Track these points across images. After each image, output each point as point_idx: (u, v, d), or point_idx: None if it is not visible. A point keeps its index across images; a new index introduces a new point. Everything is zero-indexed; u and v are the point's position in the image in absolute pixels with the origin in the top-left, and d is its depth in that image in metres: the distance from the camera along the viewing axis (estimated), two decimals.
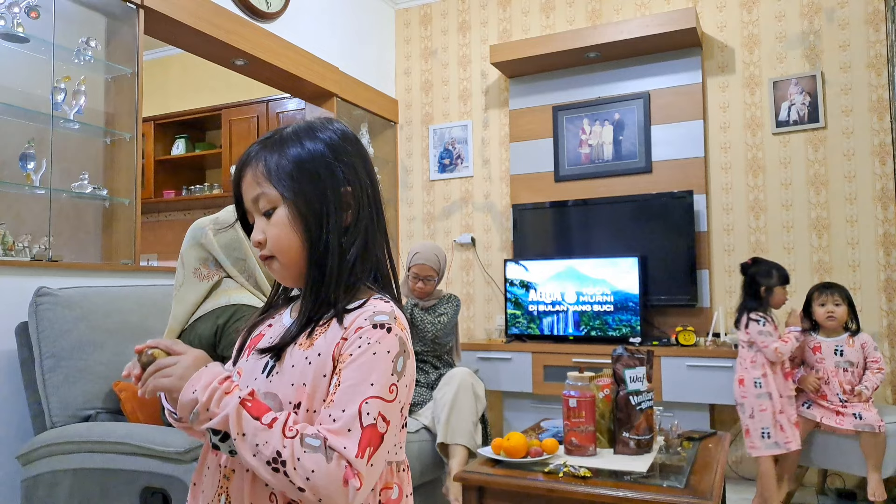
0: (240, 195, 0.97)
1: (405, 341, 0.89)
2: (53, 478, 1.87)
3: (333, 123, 0.99)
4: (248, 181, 0.95)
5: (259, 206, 0.94)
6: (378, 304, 0.91)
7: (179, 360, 0.87)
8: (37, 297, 2.04)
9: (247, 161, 0.96)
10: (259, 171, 0.94)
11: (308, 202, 0.92)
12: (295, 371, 0.89)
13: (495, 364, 3.62)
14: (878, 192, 3.30)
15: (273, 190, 0.92)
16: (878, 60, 3.32)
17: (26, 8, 2.35)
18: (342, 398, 0.83)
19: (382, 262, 0.98)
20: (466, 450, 2.56)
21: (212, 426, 0.82)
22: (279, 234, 0.92)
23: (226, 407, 0.81)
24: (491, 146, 4.23)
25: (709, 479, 1.78)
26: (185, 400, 0.83)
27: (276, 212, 0.93)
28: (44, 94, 2.45)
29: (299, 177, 0.92)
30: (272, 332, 0.98)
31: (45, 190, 2.43)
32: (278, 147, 0.94)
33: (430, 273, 2.97)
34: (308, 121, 0.99)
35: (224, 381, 0.84)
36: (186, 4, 2.88)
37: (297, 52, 3.55)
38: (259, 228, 0.94)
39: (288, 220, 0.92)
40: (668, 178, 3.68)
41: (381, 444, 0.83)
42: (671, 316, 3.62)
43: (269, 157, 0.94)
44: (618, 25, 3.58)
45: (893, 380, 3.23)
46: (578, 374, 2.05)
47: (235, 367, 0.99)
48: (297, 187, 0.92)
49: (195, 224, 1.91)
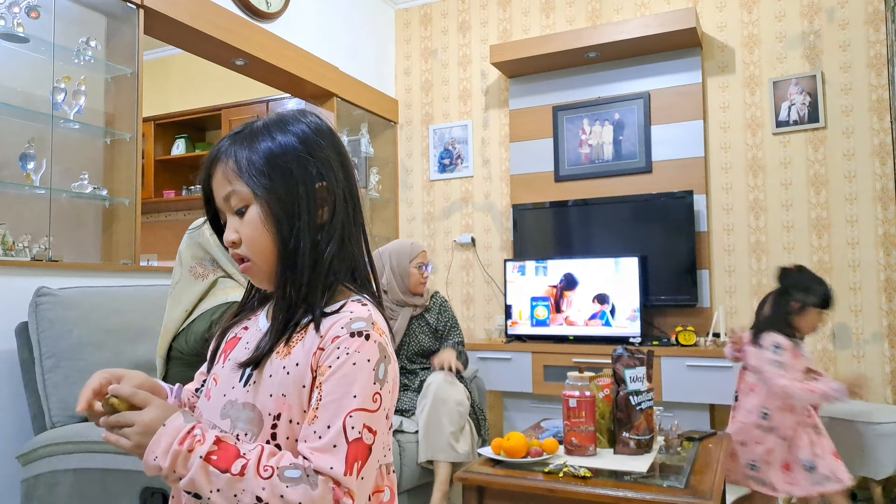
0: (210, 193, 0.94)
1: (385, 346, 0.86)
2: (53, 478, 1.87)
3: (307, 116, 0.94)
4: (219, 178, 0.91)
5: (231, 204, 0.90)
6: (356, 308, 0.88)
7: (137, 419, 0.81)
8: (37, 297, 2.04)
9: (216, 157, 0.92)
10: (230, 167, 0.90)
11: (281, 200, 0.88)
12: (273, 382, 0.86)
13: (495, 364, 3.62)
14: (878, 192, 3.30)
15: (244, 187, 0.88)
16: (878, 60, 3.32)
17: (26, 8, 2.35)
18: (325, 414, 0.80)
19: (360, 259, 0.94)
20: (448, 464, 2.55)
21: (183, 489, 0.80)
22: (253, 234, 0.89)
23: (191, 468, 0.78)
24: (491, 146, 4.23)
25: (709, 479, 1.78)
26: (149, 465, 0.80)
27: (249, 210, 0.89)
28: (44, 94, 2.45)
29: (271, 173, 0.88)
30: (248, 336, 0.95)
31: (45, 190, 2.43)
32: (248, 141, 0.90)
33: (427, 258, 3.00)
34: (280, 113, 0.94)
35: (185, 438, 0.79)
36: (186, 4, 2.88)
37: (297, 52, 3.55)
38: (232, 228, 0.91)
39: (261, 219, 0.88)
40: (668, 178, 3.68)
41: (370, 455, 0.81)
42: (671, 316, 3.62)
43: (240, 153, 0.90)
44: (618, 25, 3.58)
45: (893, 380, 3.23)
46: (578, 374, 2.05)
47: (211, 374, 0.96)
48: (269, 184, 0.88)
49: (194, 223, 1.91)
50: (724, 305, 3.56)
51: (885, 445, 2.68)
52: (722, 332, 3.40)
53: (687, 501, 1.62)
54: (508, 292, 3.74)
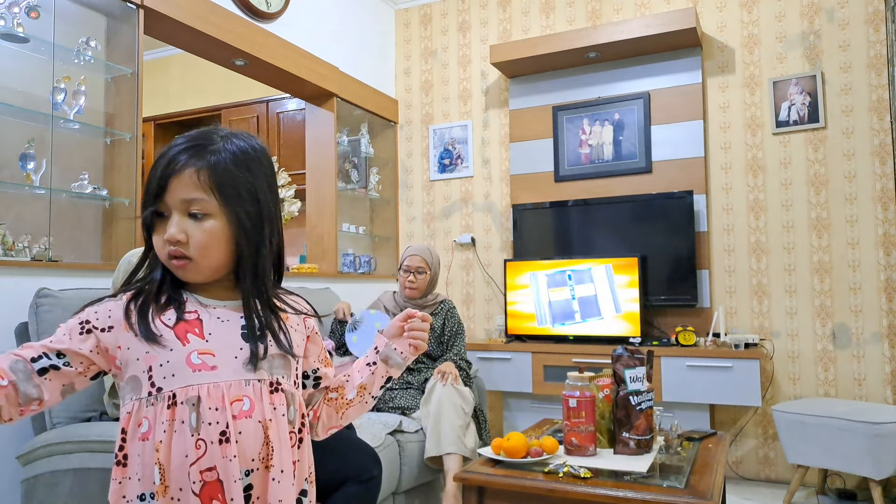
0: (164, 182, 0.95)
1: None
2: (53, 478, 1.87)
3: (257, 138, 1.06)
4: (186, 181, 0.95)
5: (189, 207, 0.96)
6: (295, 299, 1.11)
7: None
8: (37, 298, 2.04)
9: (190, 158, 0.96)
10: (203, 177, 0.95)
11: (249, 219, 0.99)
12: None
13: (495, 364, 3.62)
14: (878, 192, 3.30)
15: (214, 202, 0.96)
16: (878, 60, 3.32)
17: (26, 8, 2.35)
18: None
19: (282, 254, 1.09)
20: (459, 457, 2.55)
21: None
22: (208, 242, 0.96)
23: None
24: (491, 146, 4.23)
25: (709, 479, 1.78)
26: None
27: (209, 220, 0.96)
28: (44, 94, 2.44)
29: (246, 196, 0.98)
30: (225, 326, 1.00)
31: (45, 190, 2.43)
32: (228, 159, 0.98)
33: (420, 265, 2.98)
34: (239, 133, 1.03)
35: None
36: (186, 4, 2.88)
37: (297, 52, 3.55)
38: (180, 227, 0.95)
39: (223, 234, 0.97)
40: (668, 178, 3.68)
41: None
42: (671, 316, 3.62)
43: (217, 166, 0.96)
44: (618, 25, 3.58)
45: (893, 380, 3.23)
46: (578, 374, 2.05)
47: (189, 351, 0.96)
48: (240, 209, 0.97)
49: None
50: (724, 305, 3.56)
51: (885, 445, 2.68)
52: (722, 332, 3.40)
53: (687, 501, 1.62)
54: (508, 292, 3.74)
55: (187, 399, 0.92)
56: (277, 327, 1.02)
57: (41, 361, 0.92)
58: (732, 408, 3.51)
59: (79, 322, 0.96)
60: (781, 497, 3.11)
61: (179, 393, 0.92)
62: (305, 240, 3.96)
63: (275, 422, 0.97)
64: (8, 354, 0.92)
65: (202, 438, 0.91)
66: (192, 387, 0.93)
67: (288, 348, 1.02)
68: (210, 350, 0.97)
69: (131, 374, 0.95)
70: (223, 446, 0.92)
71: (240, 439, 0.93)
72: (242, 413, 0.94)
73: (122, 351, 0.95)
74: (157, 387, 0.93)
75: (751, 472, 3.49)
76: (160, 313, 0.97)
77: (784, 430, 2.95)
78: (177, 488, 0.91)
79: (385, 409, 2.82)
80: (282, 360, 1.02)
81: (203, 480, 0.91)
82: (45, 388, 0.92)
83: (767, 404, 3.42)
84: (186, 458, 0.91)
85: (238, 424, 0.93)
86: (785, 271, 3.47)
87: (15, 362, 0.90)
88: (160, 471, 0.91)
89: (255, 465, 0.94)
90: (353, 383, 1.15)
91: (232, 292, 1.04)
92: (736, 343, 3.21)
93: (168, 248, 0.96)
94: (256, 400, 0.96)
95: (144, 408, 0.93)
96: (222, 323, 1.00)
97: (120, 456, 0.95)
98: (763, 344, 3.41)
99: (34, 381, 0.91)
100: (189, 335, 0.96)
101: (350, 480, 1.99)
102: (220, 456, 0.91)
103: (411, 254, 3.00)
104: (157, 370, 0.94)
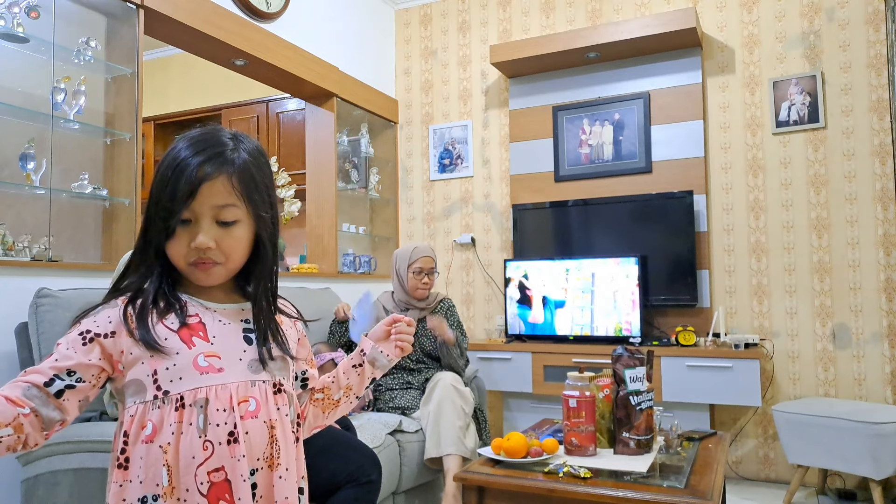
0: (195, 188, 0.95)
1: None
2: (53, 478, 1.87)
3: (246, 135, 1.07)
4: (220, 188, 0.97)
5: (221, 214, 0.98)
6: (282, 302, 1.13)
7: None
8: (37, 298, 2.04)
9: (219, 163, 0.97)
10: (235, 182, 0.98)
11: (268, 224, 1.03)
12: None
13: (495, 364, 3.62)
14: (878, 192, 3.30)
15: (244, 207, 0.99)
16: (878, 60, 3.32)
17: (26, 8, 2.35)
18: None
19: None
20: (459, 457, 2.55)
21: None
22: (237, 246, 1.00)
23: None
24: (491, 146, 4.23)
25: (709, 479, 1.78)
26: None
27: (238, 226, 1.00)
28: (44, 94, 2.44)
29: (265, 199, 1.02)
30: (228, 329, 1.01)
31: (45, 190, 2.43)
32: (250, 162, 1.01)
33: (432, 265, 2.99)
34: (238, 132, 1.05)
35: None
36: (186, 4, 2.88)
37: (297, 52, 3.55)
38: (210, 235, 0.97)
39: (247, 238, 1.02)
40: (668, 179, 3.68)
41: None
42: (671, 316, 3.62)
43: (245, 171, 0.99)
44: (618, 25, 3.58)
45: (893, 380, 3.23)
46: (578, 374, 2.05)
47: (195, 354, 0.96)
48: (263, 212, 1.02)
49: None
50: (724, 305, 3.56)
51: (885, 445, 2.68)
52: (722, 332, 3.40)
53: (687, 501, 1.62)
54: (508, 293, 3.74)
55: (195, 401, 0.93)
56: (277, 329, 1.06)
57: (55, 385, 0.90)
58: (732, 408, 3.51)
59: (79, 334, 0.94)
60: (781, 497, 3.11)
61: (188, 395, 0.93)
62: (305, 240, 3.96)
63: (280, 422, 1.00)
64: (16, 382, 0.89)
65: (209, 440, 0.92)
66: (201, 389, 0.94)
67: (288, 350, 1.06)
68: (216, 352, 0.98)
69: (133, 377, 0.94)
70: (231, 447, 0.92)
71: (247, 439, 0.94)
72: (249, 414, 0.96)
73: (125, 355, 0.95)
74: (163, 390, 0.93)
75: (751, 472, 3.49)
76: (161, 318, 0.97)
77: (784, 430, 2.95)
78: (183, 489, 0.91)
79: (385, 409, 2.82)
80: (282, 362, 1.05)
81: (210, 481, 0.91)
82: (65, 409, 0.91)
83: (767, 404, 3.42)
84: (193, 460, 0.91)
85: (245, 425, 0.95)
86: (785, 271, 3.47)
87: (27, 389, 0.89)
88: (168, 472, 0.91)
89: (259, 465, 0.96)
90: (340, 384, 1.18)
91: (231, 294, 1.06)
92: (736, 343, 3.21)
93: (194, 255, 0.97)
94: (262, 401, 0.98)
95: (150, 411, 0.93)
96: (224, 325, 1.02)
97: (121, 459, 0.94)
98: (763, 344, 3.41)
99: (52, 404, 0.90)
100: (194, 338, 0.97)
101: (349, 483, 1.99)
102: (229, 456, 0.92)
103: (423, 255, 2.96)
104: (162, 374, 0.94)
